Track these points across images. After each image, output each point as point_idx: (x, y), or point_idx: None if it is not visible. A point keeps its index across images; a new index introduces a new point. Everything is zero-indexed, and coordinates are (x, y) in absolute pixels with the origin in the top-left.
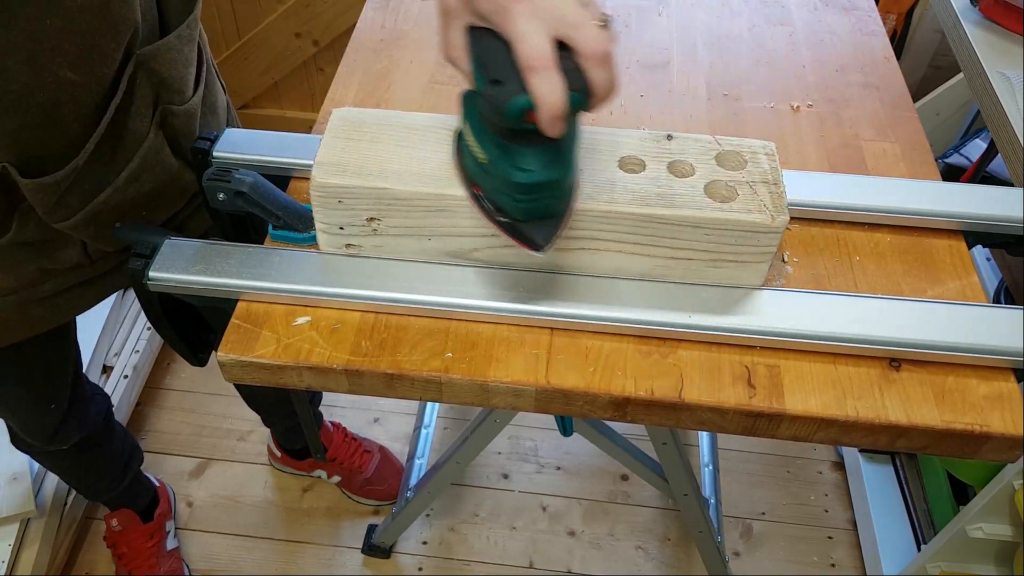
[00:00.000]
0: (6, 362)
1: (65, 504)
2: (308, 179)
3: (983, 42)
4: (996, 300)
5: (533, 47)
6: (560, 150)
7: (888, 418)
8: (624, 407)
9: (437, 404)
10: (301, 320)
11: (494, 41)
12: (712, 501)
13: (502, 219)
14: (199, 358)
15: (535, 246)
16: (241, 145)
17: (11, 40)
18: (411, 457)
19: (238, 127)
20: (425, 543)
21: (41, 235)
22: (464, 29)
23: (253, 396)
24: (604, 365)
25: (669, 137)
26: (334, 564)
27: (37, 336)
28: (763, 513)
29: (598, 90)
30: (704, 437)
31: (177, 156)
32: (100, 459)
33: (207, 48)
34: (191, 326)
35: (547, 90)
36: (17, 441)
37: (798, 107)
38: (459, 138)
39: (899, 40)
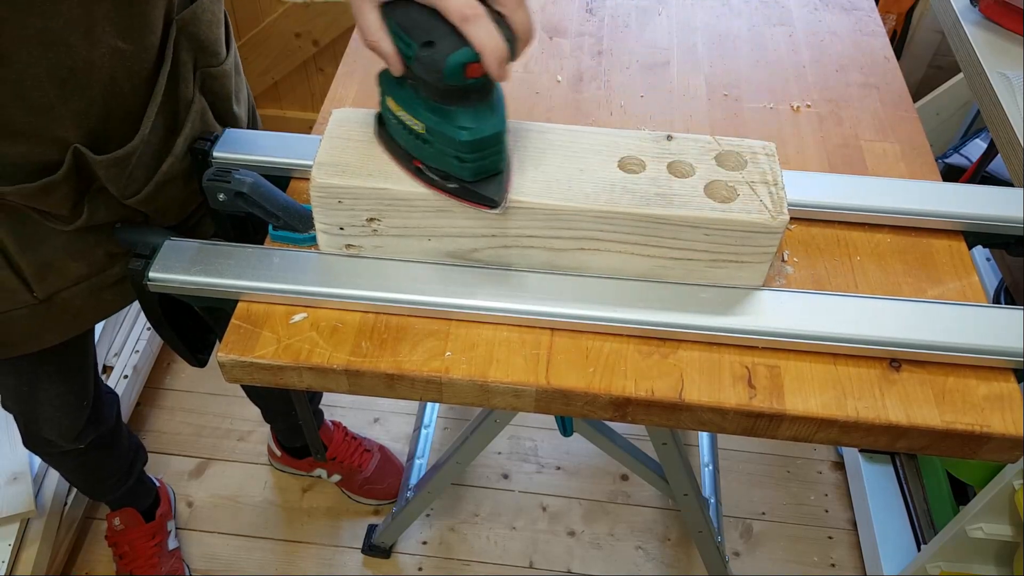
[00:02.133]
0: (47, 361)
1: (65, 504)
2: (308, 179)
3: (983, 42)
4: (996, 300)
5: (462, 2)
6: (493, 104)
7: (888, 418)
8: (624, 407)
9: (437, 404)
10: (298, 317)
11: (412, 9)
12: (712, 501)
13: (451, 186)
14: (199, 359)
15: (491, 203)
16: (241, 145)
17: (70, 14)
18: (411, 457)
19: (249, 91)
20: (425, 543)
21: (109, 217)
22: (378, 10)
23: (255, 392)
24: (604, 365)
25: (669, 137)
26: (334, 564)
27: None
28: (763, 513)
29: (521, 32)
30: (704, 437)
31: (218, 119)
32: (109, 458)
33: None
34: (191, 327)
35: (487, 36)
36: (35, 441)
37: (798, 107)
38: (381, 120)
39: (899, 40)
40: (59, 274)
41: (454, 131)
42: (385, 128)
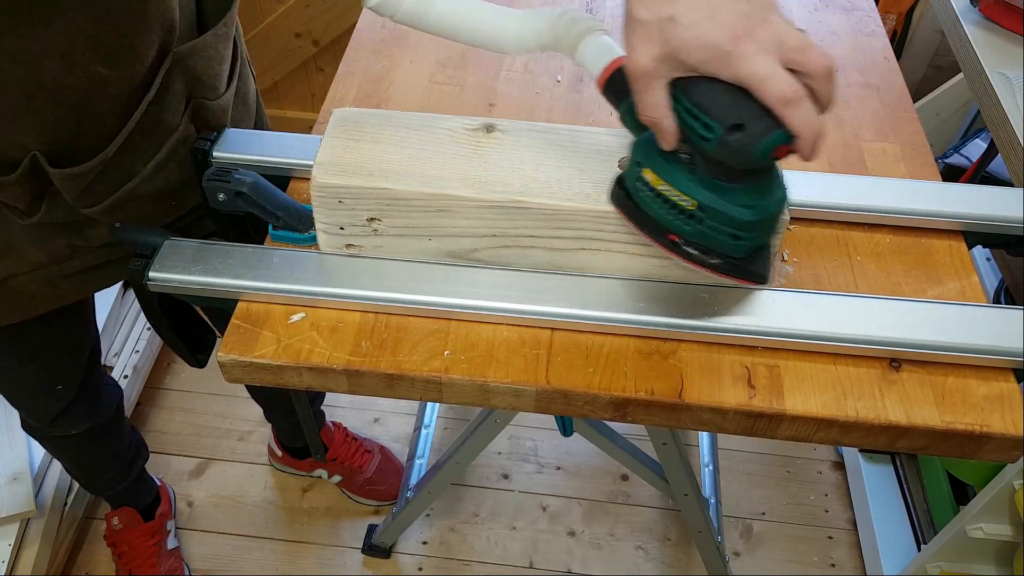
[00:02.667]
0: (19, 337)
1: (65, 504)
2: (308, 179)
3: (983, 42)
4: (996, 300)
5: (782, 83)
6: (777, 178)
7: (888, 418)
8: (624, 407)
9: (437, 404)
10: (296, 317)
11: (715, 88)
12: (712, 501)
13: (713, 261)
14: (199, 359)
15: (760, 279)
16: (241, 145)
17: (49, 38)
18: (411, 457)
19: (265, 117)
20: (425, 543)
21: (69, 217)
22: (666, 87)
23: (258, 391)
24: (604, 365)
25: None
26: (334, 564)
27: (56, 314)
28: (763, 513)
29: (827, 105)
30: (704, 437)
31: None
32: (107, 450)
33: (242, 40)
34: (191, 327)
35: (807, 121)
36: (26, 424)
37: None
38: (623, 186)
39: (899, 40)
40: (18, 257)
41: (736, 211)
42: (629, 195)
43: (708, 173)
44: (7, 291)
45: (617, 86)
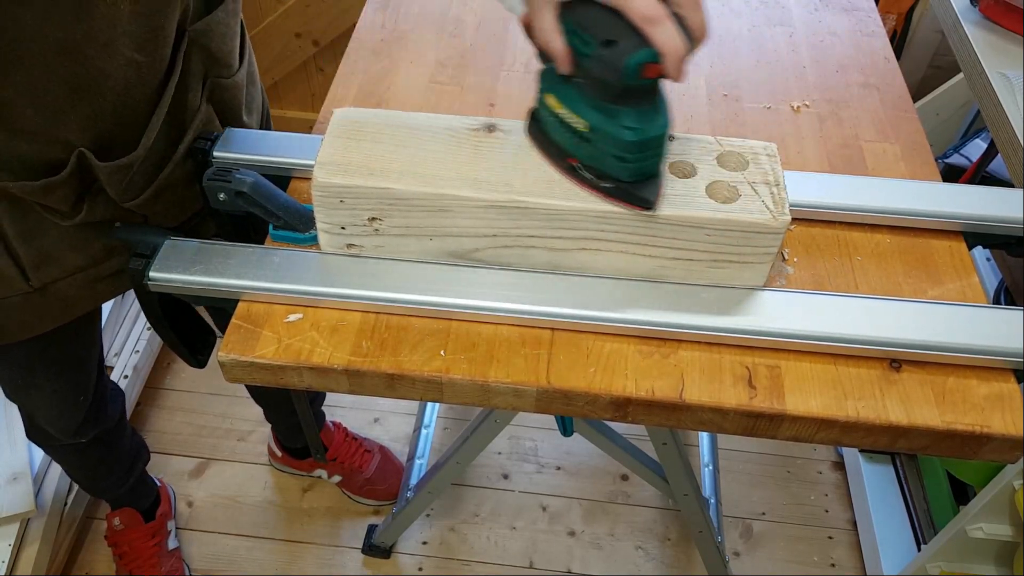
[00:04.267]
0: (43, 351)
1: (65, 504)
2: (309, 179)
3: (983, 42)
4: (996, 301)
5: (646, 3)
6: (659, 105)
7: (889, 419)
8: (625, 407)
9: (437, 404)
10: (293, 317)
11: (592, 9)
12: (712, 501)
13: (605, 186)
14: (199, 360)
15: (647, 204)
16: (241, 145)
17: (92, 26)
18: (411, 457)
19: (266, 99)
20: (425, 543)
21: (108, 214)
22: (554, 10)
23: (258, 390)
24: (605, 365)
25: (670, 137)
26: (334, 564)
27: (76, 321)
28: (763, 513)
29: (698, 34)
30: (704, 437)
31: (225, 127)
32: (111, 455)
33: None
34: (191, 328)
35: (669, 38)
36: (35, 433)
37: (798, 107)
38: (535, 117)
39: (899, 40)
40: (56, 265)
41: (619, 131)
42: (539, 125)
43: (596, 96)
44: (47, 298)
45: None
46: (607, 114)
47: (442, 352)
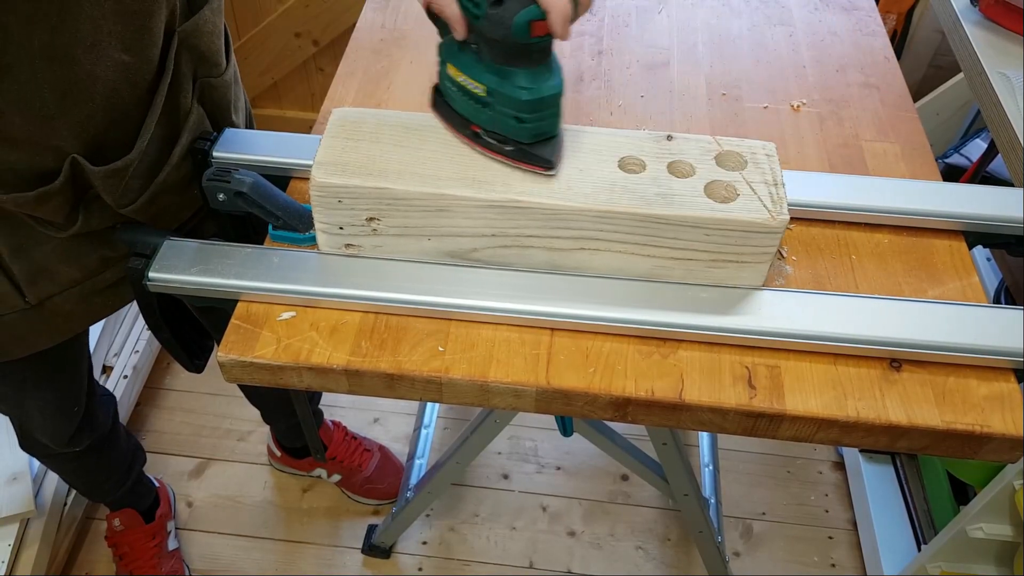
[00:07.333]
0: (34, 365)
1: (65, 504)
2: (308, 179)
3: (983, 42)
4: (996, 300)
5: None
6: (552, 67)
7: (889, 419)
8: (624, 407)
9: (437, 404)
10: (285, 315)
11: None
12: (712, 501)
13: (507, 149)
14: (196, 364)
15: (547, 164)
16: (241, 145)
17: (78, 28)
18: (411, 457)
19: (247, 98)
20: (425, 543)
21: (103, 224)
22: None
23: (254, 393)
24: (604, 365)
25: (669, 137)
26: (334, 564)
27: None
28: (763, 513)
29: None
30: (704, 437)
31: (216, 129)
32: (106, 461)
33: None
34: (189, 332)
35: None
36: (29, 444)
37: (798, 107)
38: (437, 90)
39: (899, 40)
40: (51, 279)
41: (515, 91)
42: (442, 97)
43: (492, 59)
44: (44, 313)
45: None
46: (503, 76)
47: (444, 353)
